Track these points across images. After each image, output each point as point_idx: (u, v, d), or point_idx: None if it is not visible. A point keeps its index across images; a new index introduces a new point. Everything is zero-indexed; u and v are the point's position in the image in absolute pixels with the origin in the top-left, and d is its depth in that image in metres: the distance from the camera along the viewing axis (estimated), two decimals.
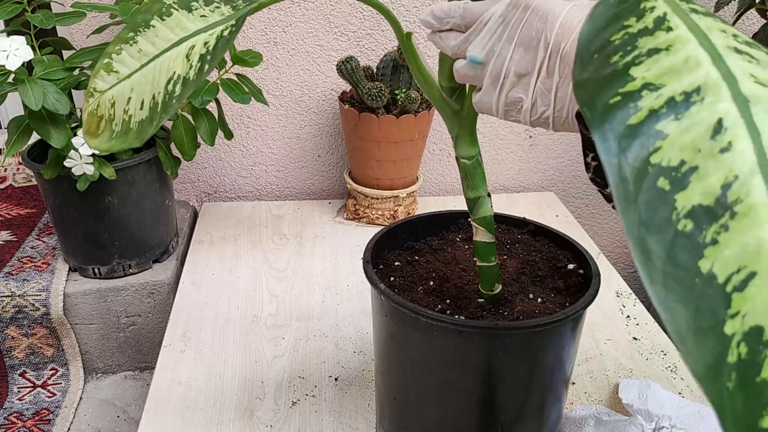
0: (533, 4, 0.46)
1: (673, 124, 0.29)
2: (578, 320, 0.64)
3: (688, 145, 0.28)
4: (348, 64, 1.11)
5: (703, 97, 0.29)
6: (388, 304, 0.62)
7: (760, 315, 0.25)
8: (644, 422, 0.76)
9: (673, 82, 0.30)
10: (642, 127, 0.29)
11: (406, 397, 0.67)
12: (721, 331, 0.25)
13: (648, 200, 0.27)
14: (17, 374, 1.08)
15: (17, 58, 0.87)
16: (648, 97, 0.30)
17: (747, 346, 0.24)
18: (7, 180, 1.34)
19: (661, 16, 0.33)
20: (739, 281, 0.25)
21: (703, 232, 0.26)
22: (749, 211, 0.26)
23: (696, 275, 0.26)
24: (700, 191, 0.27)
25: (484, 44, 0.49)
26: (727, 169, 0.27)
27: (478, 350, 0.61)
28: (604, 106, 0.30)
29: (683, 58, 0.31)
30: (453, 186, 1.42)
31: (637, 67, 0.31)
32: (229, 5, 0.50)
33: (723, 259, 0.26)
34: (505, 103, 0.49)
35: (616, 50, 0.32)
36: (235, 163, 1.34)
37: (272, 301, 1.03)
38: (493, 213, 0.62)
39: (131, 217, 1.05)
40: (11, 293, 1.03)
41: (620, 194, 0.28)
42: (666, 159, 0.28)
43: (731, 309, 0.25)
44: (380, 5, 0.54)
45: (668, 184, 0.27)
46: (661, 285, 0.26)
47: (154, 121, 0.46)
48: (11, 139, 0.92)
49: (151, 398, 0.84)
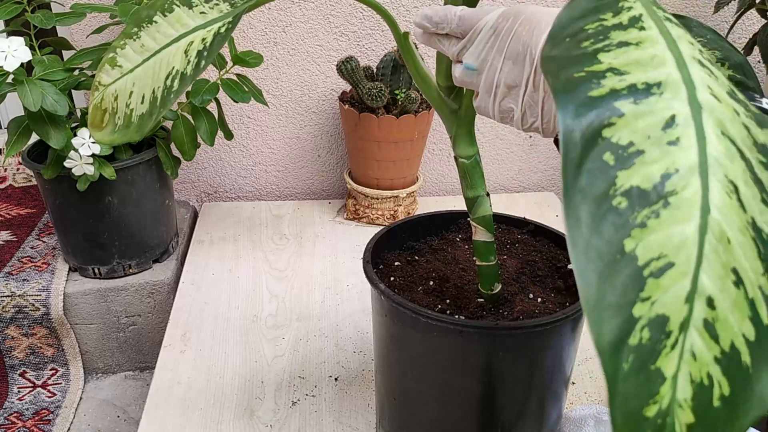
0: (522, 16, 0.47)
1: (630, 106, 0.29)
2: (578, 320, 0.64)
3: (640, 129, 0.29)
4: (348, 64, 1.11)
5: (662, 92, 0.30)
6: (388, 304, 0.62)
7: (669, 305, 0.25)
8: None
9: (637, 72, 0.31)
10: (602, 101, 0.30)
11: (406, 397, 0.67)
12: (629, 311, 0.25)
13: (591, 169, 0.28)
14: (17, 374, 1.08)
15: (15, 59, 0.87)
16: (612, 78, 0.30)
17: (650, 332, 0.25)
18: (7, 180, 1.34)
19: (636, 16, 0.34)
20: (657, 268, 0.26)
21: (635, 213, 0.27)
22: (681, 204, 0.27)
23: (618, 252, 0.26)
24: (641, 174, 0.28)
25: (478, 53, 0.49)
26: (671, 161, 0.28)
27: (478, 350, 0.61)
28: (567, 78, 0.31)
29: (650, 55, 0.32)
30: (453, 186, 1.42)
31: (606, 53, 0.32)
32: (227, 2, 0.51)
33: (647, 243, 0.26)
34: (499, 111, 0.50)
35: (588, 37, 0.33)
36: (235, 163, 1.34)
37: (272, 301, 1.03)
38: (492, 212, 0.62)
39: (131, 217, 1.05)
40: (11, 293, 1.03)
41: (566, 156, 0.28)
42: (617, 136, 0.29)
43: (644, 293, 0.26)
44: (378, 5, 0.54)
45: (613, 160, 0.28)
46: (583, 253, 0.26)
47: (153, 115, 0.47)
48: (11, 140, 0.92)
49: (151, 398, 0.84)
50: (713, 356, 0.25)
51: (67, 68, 0.94)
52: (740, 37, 1.34)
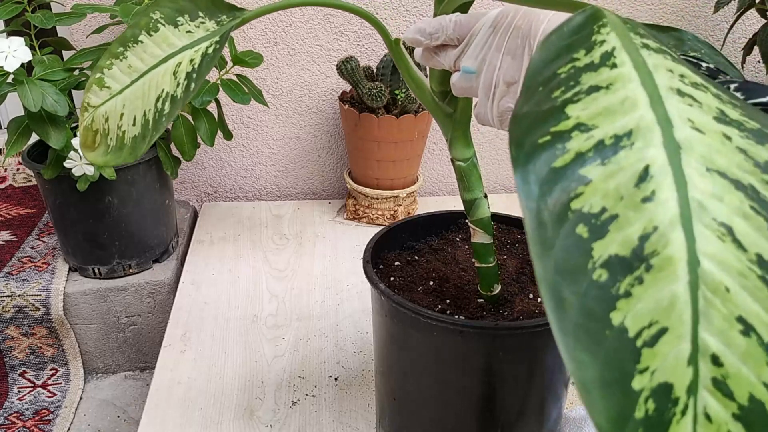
0: (521, 10, 0.47)
1: (598, 169, 0.27)
2: None
3: (611, 192, 0.27)
4: (348, 64, 1.11)
5: (633, 142, 0.28)
6: (388, 304, 0.62)
7: (670, 372, 0.24)
8: None
9: (606, 123, 0.29)
10: (566, 171, 0.28)
11: (406, 397, 0.67)
12: (628, 385, 0.24)
13: (565, 247, 0.26)
14: (17, 374, 1.08)
15: (15, 60, 0.87)
16: (577, 139, 0.29)
17: (655, 402, 0.24)
18: (7, 180, 1.34)
19: (608, 51, 0.32)
20: (650, 336, 0.25)
21: (617, 283, 0.25)
22: (665, 264, 0.25)
23: (607, 327, 0.25)
24: (618, 241, 0.26)
25: (476, 54, 0.49)
26: (648, 219, 0.26)
27: (477, 350, 0.61)
28: (531, 144, 0.29)
29: (621, 99, 0.30)
30: (453, 186, 1.42)
31: (575, 105, 0.30)
32: (213, 20, 0.50)
33: (635, 312, 0.25)
34: (498, 113, 0.49)
35: (559, 84, 0.31)
36: (235, 163, 1.34)
37: (272, 301, 1.03)
38: (490, 214, 0.62)
39: (131, 217, 1.05)
40: (11, 293, 1.03)
41: (536, 239, 0.27)
42: (587, 205, 0.27)
43: (640, 364, 0.24)
44: (367, 14, 0.54)
45: (587, 232, 0.26)
46: (571, 335, 0.25)
47: (146, 138, 0.47)
48: (11, 140, 0.92)
49: (151, 398, 0.84)
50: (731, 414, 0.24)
51: (67, 68, 0.94)
52: (740, 37, 1.34)
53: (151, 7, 0.50)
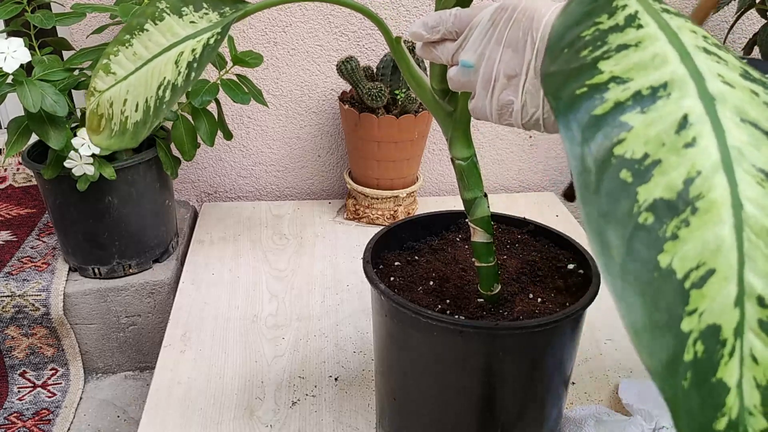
0: (521, 4, 0.46)
1: (638, 117, 0.28)
2: (578, 320, 0.64)
3: (653, 139, 0.28)
4: (348, 64, 1.11)
5: (669, 93, 0.29)
6: (388, 304, 0.62)
7: (718, 313, 0.24)
8: (644, 422, 0.76)
9: (640, 76, 0.30)
10: (607, 118, 0.29)
11: (406, 397, 0.67)
12: (677, 328, 0.24)
13: (609, 191, 0.27)
14: (17, 374, 1.08)
15: (15, 60, 0.87)
16: (614, 90, 0.29)
17: (703, 344, 0.24)
18: (7, 180, 1.34)
19: (632, 14, 0.33)
20: (698, 278, 0.25)
21: (664, 226, 0.26)
22: (711, 207, 0.26)
23: (655, 269, 0.25)
24: (663, 185, 0.27)
25: (475, 48, 0.49)
26: (690, 164, 0.27)
27: (478, 350, 0.61)
28: (569, 96, 0.30)
29: (651, 55, 0.30)
30: (453, 186, 1.42)
31: (606, 61, 0.31)
32: (216, 12, 0.51)
33: (683, 254, 0.25)
34: (497, 107, 0.49)
35: (585, 45, 0.32)
36: (235, 163, 1.34)
37: (272, 301, 1.03)
38: (490, 213, 0.62)
39: (131, 217, 1.05)
40: (11, 293, 1.03)
41: (581, 184, 0.27)
42: (630, 151, 0.28)
43: (689, 306, 0.25)
44: (368, 11, 0.54)
45: (631, 176, 0.27)
46: (618, 278, 0.25)
47: (147, 124, 0.48)
48: (11, 140, 0.92)
49: (151, 398, 0.84)
50: None
51: (66, 68, 0.94)
52: (740, 37, 1.34)
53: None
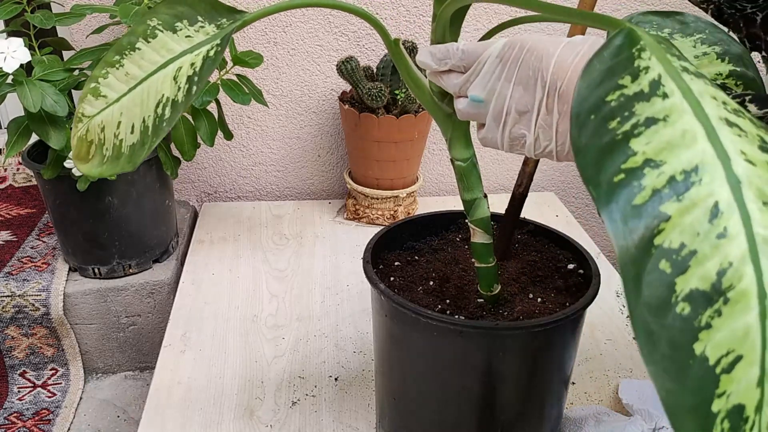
0: (528, 44, 0.48)
1: (674, 205, 0.30)
2: (578, 320, 0.64)
3: (688, 228, 0.29)
4: (348, 64, 1.11)
5: (701, 178, 0.30)
6: (388, 304, 0.62)
7: (743, 394, 0.27)
8: (644, 423, 0.76)
9: (672, 158, 0.31)
10: (647, 208, 0.30)
11: (406, 397, 0.67)
12: (708, 409, 0.27)
13: (650, 282, 0.29)
14: (17, 374, 1.08)
15: (15, 60, 0.87)
16: (650, 175, 0.31)
17: (729, 422, 0.26)
18: (7, 180, 1.34)
19: (656, 80, 0.34)
20: (728, 364, 0.27)
21: (699, 316, 0.28)
22: (740, 297, 0.27)
23: (690, 357, 0.27)
24: (698, 276, 0.28)
25: (485, 84, 0.50)
26: (723, 255, 0.28)
27: (478, 350, 0.61)
28: (608, 183, 0.31)
29: (680, 132, 0.32)
30: (453, 186, 1.42)
31: (637, 138, 0.32)
32: (213, 24, 0.50)
33: (715, 342, 0.27)
34: (509, 139, 0.51)
35: (613, 114, 0.33)
36: (235, 163, 1.34)
37: (272, 301, 1.03)
38: (489, 214, 0.62)
39: (131, 217, 1.05)
40: (11, 293, 1.03)
41: (628, 276, 0.29)
42: (668, 240, 0.29)
43: (719, 389, 0.27)
44: (366, 14, 0.54)
45: (669, 267, 0.29)
46: (659, 366, 0.27)
47: (146, 145, 0.46)
48: (11, 140, 0.92)
49: (151, 398, 0.84)
50: None
51: (67, 68, 0.94)
52: None
53: (148, 15, 0.49)
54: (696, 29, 0.55)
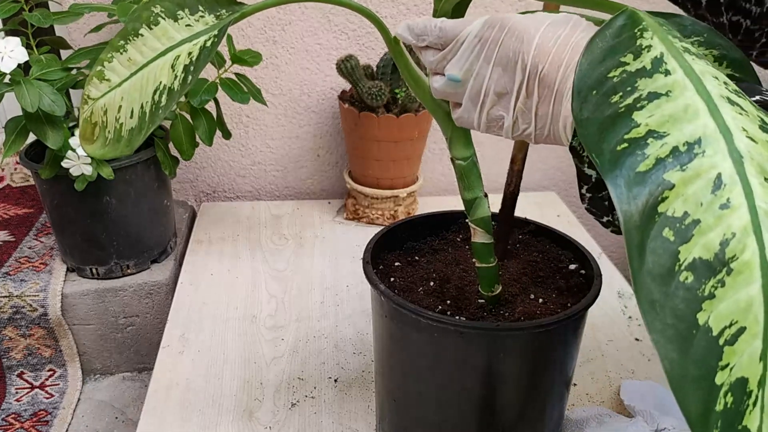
0: (508, 24, 0.46)
1: (678, 174, 0.30)
2: (580, 321, 0.64)
3: (691, 198, 0.29)
4: (348, 63, 1.11)
5: (704, 150, 0.30)
6: (388, 304, 0.62)
7: (746, 367, 0.26)
8: (646, 424, 0.75)
9: (675, 130, 0.31)
10: (651, 175, 0.30)
11: (406, 398, 0.67)
12: (712, 381, 0.27)
13: (654, 249, 0.29)
14: (15, 375, 1.07)
15: (12, 60, 0.87)
16: (654, 145, 0.31)
17: (733, 395, 0.26)
18: (5, 180, 1.34)
19: (658, 57, 0.34)
20: (731, 335, 0.27)
21: (702, 285, 0.28)
22: (743, 268, 0.28)
23: (694, 327, 0.27)
24: (702, 245, 0.28)
25: (462, 63, 0.49)
26: (726, 225, 0.28)
27: (478, 351, 0.60)
28: (611, 152, 0.31)
29: (683, 106, 0.32)
30: (453, 186, 1.41)
31: (640, 111, 0.32)
32: (212, 14, 0.51)
33: (718, 313, 0.27)
34: (486, 120, 0.50)
35: (615, 89, 0.34)
36: (234, 163, 1.34)
37: (271, 301, 1.03)
38: (490, 213, 0.62)
39: (129, 217, 1.04)
40: (9, 294, 1.03)
41: (629, 239, 0.29)
42: (671, 208, 0.29)
43: (722, 361, 0.27)
44: (366, 11, 0.53)
45: (673, 235, 0.29)
46: (661, 333, 0.27)
47: (143, 131, 0.48)
48: (9, 140, 0.91)
49: (149, 399, 0.83)
50: None
51: (64, 67, 0.94)
52: None
53: (153, 1, 0.50)
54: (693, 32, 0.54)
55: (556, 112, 0.45)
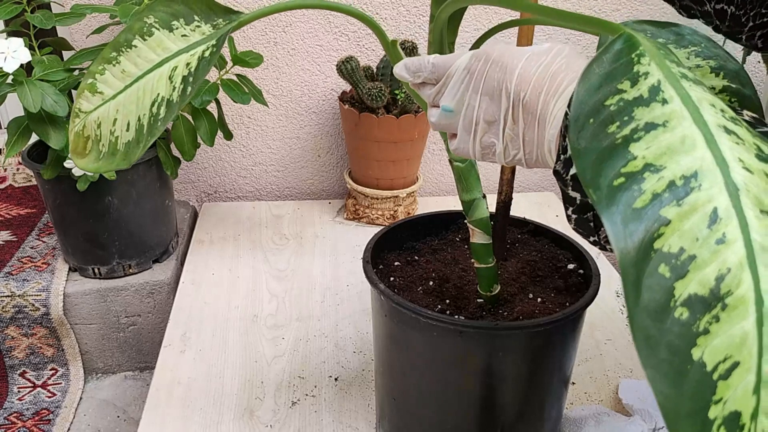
0: (492, 55, 0.48)
1: (674, 210, 0.30)
2: (578, 320, 0.64)
3: (687, 233, 0.29)
4: (348, 64, 1.11)
5: (700, 183, 0.30)
6: (388, 304, 0.62)
7: (740, 401, 0.26)
8: (644, 423, 0.76)
9: (672, 163, 0.31)
10: (647, 211, 0.30)
11: (405, 397, 0.67)
12: (705, 415, 0.27)
13: (649, 286, 0.29)
14: (17, 374, 1.08)
15: (15, 60, 0.87)
16: (650, 180, 0.31)
17: (726, 429, 0.26)
18: (7, 180, 1.34)
19: (655, 85, 0.34)
20: (725, 370, 0.27)
21: (697, 321, 0.28)
22: (738, 303, 0.27)
23: (688, 362, 0.27)
24: (697, 281, 0.28)
25: (454, 94, 0.51)
26: (721, 260, 0.28)
27: (477, 350, 0.61)
28: (608, 187, 0.31)
29: (680, 138, 0.32)
30: (453, 186, 1.42)
31: (637, 143, 0.32)
32: (209, 24, 0.50)
33: (712, 348, 0.27)
34: (480, 148, 0.51)
35: (612, 118, 0.33)
36: (235, 163, 1.34)
37: (272, 301, 1.03)
38: (488, 214, 0.62)
39: (131, 217, 1.05)
40: (11, 293, 1.03)
41: (628, 279, 0.29)
42: (667, 245, 0.29)
43: (716, 396, 0.27)
44: (362, 15, 0.54)
45: (668, 271, 0.29)
46: (657, 370, 0.27)
47: (141, 143, 0.47)
48: (11, 140, 0.92)
49: (151, 398, 0.84)
50: None
51: (67, 68, 0.94)
52: None
53: (145, 12, 0.49)
54: (691, 42, 0.54)
55: (541, 137, 0.46)
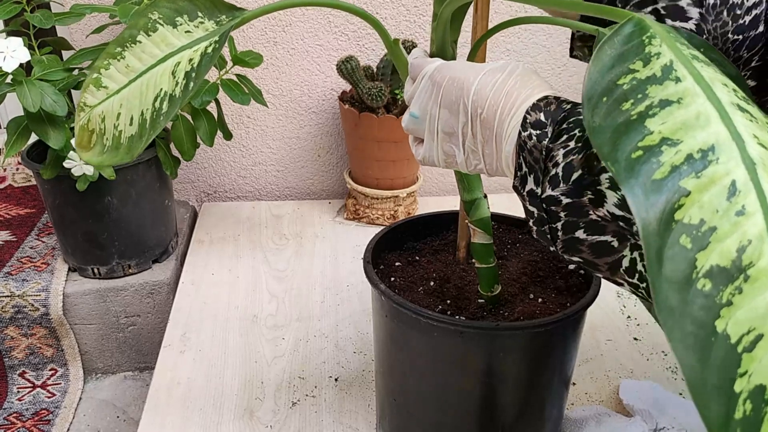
0: (449, 73, 0.50)
1: (693, 181, 0.30)
2: (579, 321, 0.64)
3: (707, 205, 0.29)
4: (348, 64, 1.11)
5: (717, 157, 0.30)
6: (388, 304, 0.62)
7: (764, 374, 0.26)
8: (645, 423, 0.76)
9: (688, 138, 0.31)
10: (667, 182, 0.30)
11: (406, 397, 0.67)
12: (731, 388, 0.26)
13: (671, 256, 0.29)
14: (17, 374, 1.07)
15: (14, 60, 0.87)
16: (668, 153, 0.31)
17: (752, 403, 0.26)
18: (7, 180, 1.34)
19: (668, 65, 0.34)
20: (749, 342, 0.27)
21: (720, 292, 0.28)
22: (760, 275, 0.27)
23: (712, 334, 0.27)
24: (718, 252, 0.28)
25: (420, 101, 0.52)
26: (742, 232, 0.28)
27: (478, 351, 0.60)
28: (627, 160, 0.32)
29: (695, 114, 0.32)
30: (453, 186, 1.41)
31: (652, 119, 0.32)
32: (212, 20, 0.51)
33: (736, 320, 0.27)
34: (443, 155, 0.52)
35: (626, 96, 0.34)
36: (234, 163, 1.34)
37: (272, 301, 1.03)
38: (490, 214, 0.62)
39: (131, 217, 1.04)
40: (11, 293, 1.03)
41: (650, 249, 0.29)
42: (688, 216, 0.29)
43: (741, 368, 0.27)
44: (364, 13, 0.54)
45: (690, 242, 0.29)
46: (680, 342, 0.27)
47: (143, 138, 0.47)
48: (11, 140, 0.92)
49: (150, 398, 0.83)
50: None
51: (66, 68, 0.94)
52: None
53: (150, 8, 0.50)
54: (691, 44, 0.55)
55: (499, 151, 0.48)
